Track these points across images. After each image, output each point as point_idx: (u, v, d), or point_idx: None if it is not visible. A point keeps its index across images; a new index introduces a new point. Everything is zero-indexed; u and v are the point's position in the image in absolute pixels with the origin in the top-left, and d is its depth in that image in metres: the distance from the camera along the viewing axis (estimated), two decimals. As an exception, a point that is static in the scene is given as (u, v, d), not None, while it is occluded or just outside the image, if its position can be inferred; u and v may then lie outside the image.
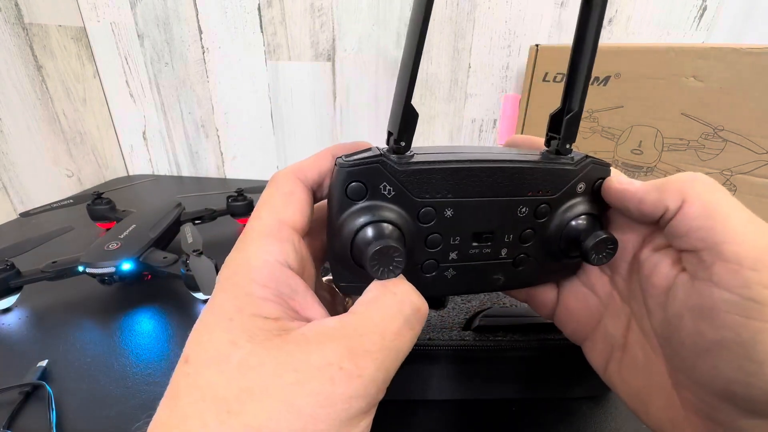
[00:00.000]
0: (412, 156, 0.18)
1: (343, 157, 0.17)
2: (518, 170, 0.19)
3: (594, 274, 0.22)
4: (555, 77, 0.52)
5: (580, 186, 0.20)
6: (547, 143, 0.20)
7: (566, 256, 0.20)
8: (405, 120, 0.17)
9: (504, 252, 0.20)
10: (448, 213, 0.18)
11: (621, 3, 0.58)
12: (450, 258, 0.19)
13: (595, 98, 0.50)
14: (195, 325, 0.15)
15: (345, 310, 0.22)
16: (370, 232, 0.17)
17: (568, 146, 0.19)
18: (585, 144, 0.53)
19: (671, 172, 0.46)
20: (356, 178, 0.17)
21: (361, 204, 0.17)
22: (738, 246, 0.14)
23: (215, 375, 0.13)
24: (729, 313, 0.14)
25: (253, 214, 0.17)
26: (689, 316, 0.16)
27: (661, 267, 0.18)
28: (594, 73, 0.49)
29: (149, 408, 0.14)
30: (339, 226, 0.17)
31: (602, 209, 0.20)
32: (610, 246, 0.19)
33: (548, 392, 0.31)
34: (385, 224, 0.17)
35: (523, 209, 0.19)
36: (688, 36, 0.58)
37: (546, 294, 0.23)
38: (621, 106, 0.48)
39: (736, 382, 0.14)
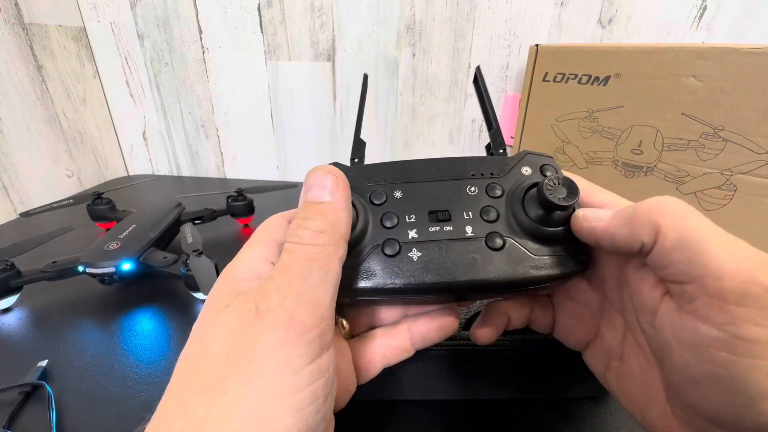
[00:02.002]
0: (364, 165, 0.23)
1: None
2: (456, 159, 0.22)
3: (584, 288, 0.22)
4: (555, 77, 0.52)
5: (525, 169, 0.22)
6: (490, 155, 0.25)
7: (542, 227, 0.19)
8: (356, 145, 0.24)
9: (469, 230, 0.20)
10: (398, 194, 0.21)
11: (621, 3, 0.58)
12: (410, 237, 0.20)
13: (595, 98, 0.50)
14: None
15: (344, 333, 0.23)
16: None
17: (501, 151, 0.23)
18: (585, 144, 0.53)
19: (671, 172, 0.46)
20: None
21: None
22: (721, 280, 0.13)
23: (190, 347, 0.16)
24: (717, 350, 0.14)
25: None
26: (677, 346, 0.15)
27: (644, 287, 0.17)
28: (594, 73, 0.49)
29: (149, 408, 0.14)
30: None
31: None
32: (567, 182, 0.18)
33: (548, 392, 0.31)
34: None
35: (472, 188, 0.21)
36: (688, 36, 0.58)
37: (543, 317, 0.24)
38: (621, 106, 0.48)
39: (726, 413, 0.14)
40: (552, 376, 0.30)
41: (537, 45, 0.53)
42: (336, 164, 0.22)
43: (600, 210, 0.18)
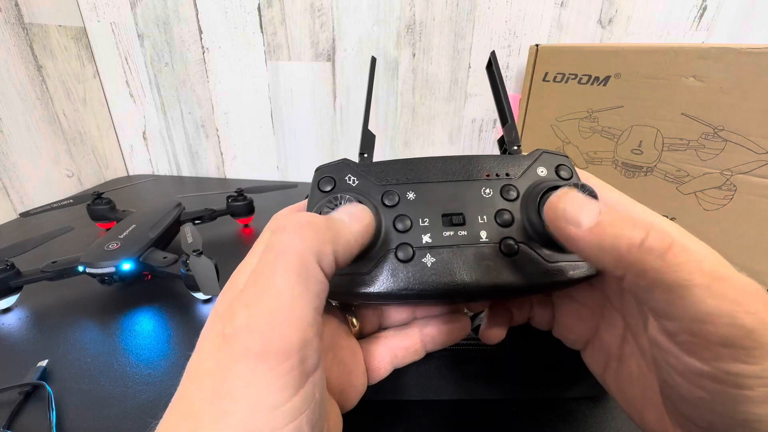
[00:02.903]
0: (374, 162, 0.22)
1: None
2: (469, 158, 0.21)
3: (585, 288, 0.22)
4: (555, 77, 0.52)
5: (540, 169, 0.21)
6: (503, 152, 0.23)
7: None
8: (365, 138, 0.23)
9: (484, 235, 0.19)
10: (411, 196, 0.20)
11: (621, 3, 0.58)
12: (424, 242, 0.19)
13: (595, 98, 0.50)
14: None
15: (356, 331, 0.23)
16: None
17: (515, 148, 0.22)
18: (585, 144, 0.53)
19: (671, 172, 0.46)
20: (326, 174, 0.21)
21: (330, 193, 0.20)
22: (702, 324, 0.13)
23: (191, 363, 0.14)
24: (703, 379, 0.13)
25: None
26: (665, 367, 0.15)
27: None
28: (594, 73, 0.49)
29: (149, 408, 0.14)
30: None
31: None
32: (584, 189, 0.18)
33: (548, 392, 0.31)
34: (347, 195, 0.19)
35: (487, 190, 0.20)
36: (688, 36, 0.58)
37: (542, 314, 0.24)
38: (621, 106, 0.48)
39: (717, 427, 0.14)
40: (552, 376, 0.30)
41: (537, 45, 0.53)
42: (345, 161, 0.21)
43: (584, 205, 0.16)
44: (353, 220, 0.17)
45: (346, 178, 0.21)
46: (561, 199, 0.16)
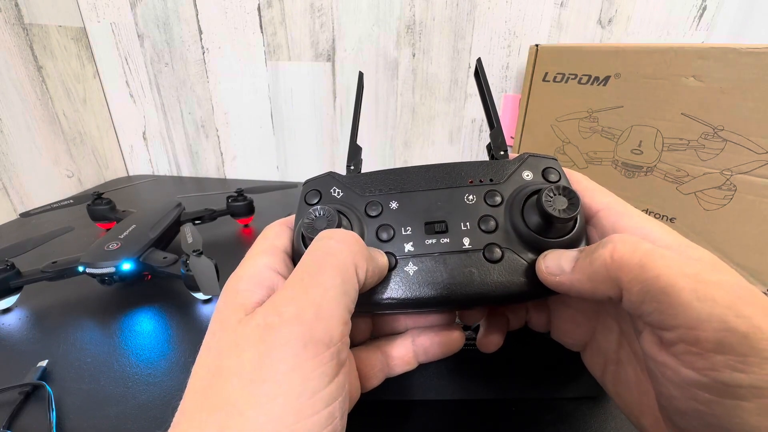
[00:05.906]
0: (360, 173, 0.22)
1: None
2: (453, 165, 0.21)
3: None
4: (555, 77, 0.52)
5: (526, 173, 0.21)
6: (491, 158, 0.23)
7: (542, 237, 0.19)
8: (352, 150, 0.24)
9: (467, 242, 0.19)
10: (394, 205, 0.20)
11: (621, 3, 0.58)
12: (407, 250, 0.19)
13: (594, 98, 0.50)
14: None
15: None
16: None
17: (502, 153, 0.22)
18: (585, 144, 0.53)
19: (671, 172, 0.46)
20: (312, 187, 0.22)
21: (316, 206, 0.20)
22: (695, 330, 0.13)
23: (200, 367, 0.15)
24: (699, 390, 0.13)
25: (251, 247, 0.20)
26: (661, 378, 0.15)
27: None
28: (594, 73, 0.49)
29: (149, 408, 0.14)
30: (298, 228, 0.19)
31: None
32: (567, 193, 0.17)
33: (547, 392, 0.31)
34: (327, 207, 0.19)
35: (470, 196, 0.20)
36: (688, 36, 0.58)
37: (538, 318, 0.24)
38: (621, 106, 0.48)
39: None
40: (552, 376, 0.30)
41: (537, 45, 0.53)
42: (331, 174, 0.22)
43: (562, 256, 0.18)
44: (379, 256, 0.18)
45: (331, 190, 0.21)
46: (542, 260, 0.18)
